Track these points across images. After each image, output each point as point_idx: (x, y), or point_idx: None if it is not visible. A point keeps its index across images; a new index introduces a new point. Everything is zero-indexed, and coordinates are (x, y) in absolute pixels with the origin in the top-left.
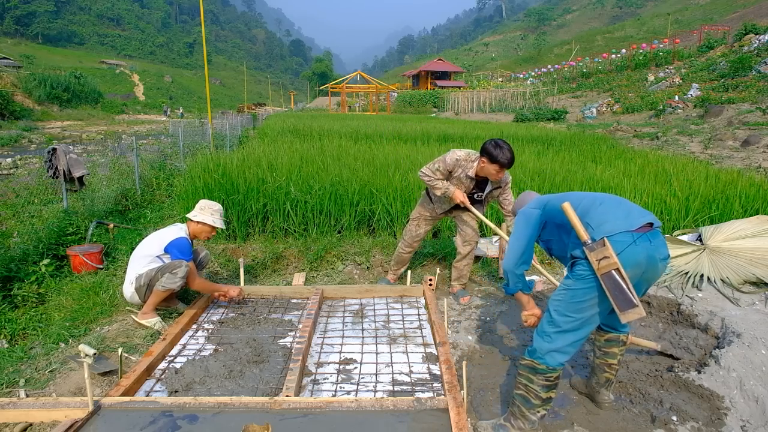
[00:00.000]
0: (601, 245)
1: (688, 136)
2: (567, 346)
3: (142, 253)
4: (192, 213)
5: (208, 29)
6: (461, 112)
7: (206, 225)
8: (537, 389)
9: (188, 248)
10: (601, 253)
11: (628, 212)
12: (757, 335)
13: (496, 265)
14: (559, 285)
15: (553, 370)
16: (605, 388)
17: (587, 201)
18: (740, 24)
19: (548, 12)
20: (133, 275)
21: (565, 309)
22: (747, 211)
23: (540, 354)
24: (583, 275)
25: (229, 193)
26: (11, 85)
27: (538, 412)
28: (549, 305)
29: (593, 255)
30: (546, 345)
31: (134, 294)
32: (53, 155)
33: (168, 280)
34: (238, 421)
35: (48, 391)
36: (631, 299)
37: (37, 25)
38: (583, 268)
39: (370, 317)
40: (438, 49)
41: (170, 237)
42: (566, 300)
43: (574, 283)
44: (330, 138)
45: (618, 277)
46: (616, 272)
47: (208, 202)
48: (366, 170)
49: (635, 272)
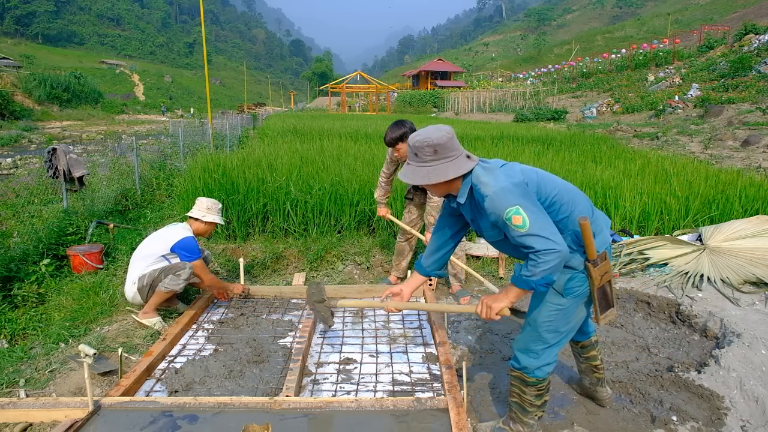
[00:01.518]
0: (603, 259)
1: (688, 136)
2: (553, 357)
3: (144, 253)
4: (198, 213)
5: (208, 29)
6: (461, 112)
7: (213, 224)
8: (530, 399)
9: (196, 247)
10: (604, 267)
11: (602, 214)
12: (757, 335)
13: (496, 265)
14: (546, 304)
15: (543, 380)
16: (600, 385)
17: (576, 201)
18: (740, 24)
19: (548, 12)
20: (136, 275)
21: (556, 327)
22: (747, 211)
23: (530, 371)
24: (579, 292)
25: (229, 193)
26: (11, 85)
27: (536, 415)
28: (538, 325)
29: (597, 271)
30: (535, 362)
31: (136, 294)
32: (53, 155)
33: (171, 281)
34: (238, 421)
35: (48, 391)
36: (611, 302)
37: (37, 25)
38: (579, 284)
39: (370, 317)
40: (438, 49)
41: (176, 237)
42: (558, 319)
43: (568, 302)
44: (330, 138)
45: (607, 286)
46: (607, 283)
47: (211, 200)
48: (366, 170)
49: None
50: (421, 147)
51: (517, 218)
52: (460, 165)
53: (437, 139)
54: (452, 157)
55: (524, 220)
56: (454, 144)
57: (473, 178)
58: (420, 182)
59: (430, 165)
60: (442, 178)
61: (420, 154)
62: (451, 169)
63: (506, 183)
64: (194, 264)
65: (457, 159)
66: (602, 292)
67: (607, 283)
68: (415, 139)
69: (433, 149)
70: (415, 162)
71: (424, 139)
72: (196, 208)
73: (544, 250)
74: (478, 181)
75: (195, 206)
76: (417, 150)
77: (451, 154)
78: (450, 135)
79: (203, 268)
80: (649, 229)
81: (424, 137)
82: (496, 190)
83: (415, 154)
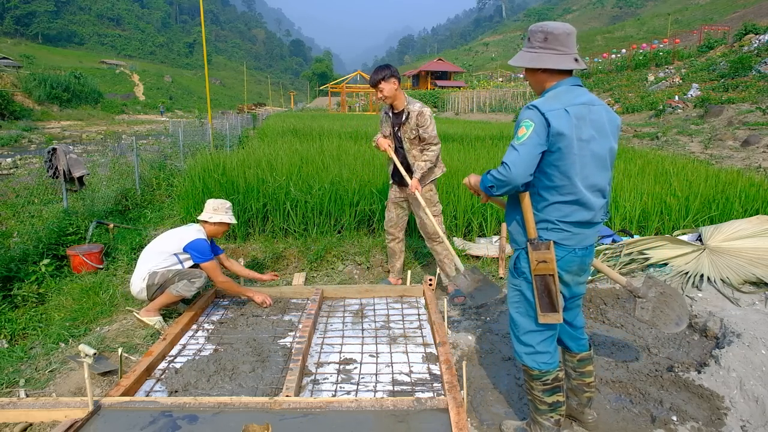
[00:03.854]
0: (546, 248)
1: (688, 136)
2: (539, 345)
3: (157, 249)
4: (206, 215)
5: (208, 29)
6: (461, 112)
7: (223, 224)
8: (539, 394)
9: (208, 249)
10: (543, 256)
11: (590, 217)
12: (757, 335)
13: (495, 265)
14: (509, 285)
15: (546, 373)
16: (588, 407)
17: (574, 190)
18: (740, 24)
19: (548, 12)
20: (146, 271)
21: (523, 310)
22: (747, 211)
23: (521, 356)
24: (527, 276)
25: (229, 193)
26: (11, 85)
27: (551, 417)
28: (509, 307)
29: (534, 255)
30: (519, 347)
31: (143, 290)
32: (53, 155)
33: (184, 286)
34: (238, 421)
35: (48, 391)
36: (555, 305)
37: (37, 25)
38: (525, 265)
39: (370, 317)
40: (438, 49)
41: (189, 238)
42: (520, 301)
43: (521, 283)
44: (330, 138)
45: (551, 283)
46: (551, 279)
47: (218, 201)
48: (366, 170)
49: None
50: (535, 32)
51: (522, 130)
52: (562, 61)
53: (553, 28)
54: (559, 51)
55: (523, 136)
56: (568, 42)
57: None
58: (520, 64)
59: (536, 51)
60: (539, 65)
61: (532, 38)
62: (553, 60)
63: (548, 105)
64: (206, 265)
65: (562, 55)
66: (543, 285)
67: (551, 280)
68: (533, 25)
69: (545, 36)
70: (525, 47)
71: (541, 25)
72: (204, 210)
73: (504, 162)
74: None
75: (204, 209)
76: (531, 34)
77: (560, 48)
78: (568, 32)
79: (216, 269)
80: (649, 229)
81: (542, 24)
82: (536, 102)
83: (528, 39)
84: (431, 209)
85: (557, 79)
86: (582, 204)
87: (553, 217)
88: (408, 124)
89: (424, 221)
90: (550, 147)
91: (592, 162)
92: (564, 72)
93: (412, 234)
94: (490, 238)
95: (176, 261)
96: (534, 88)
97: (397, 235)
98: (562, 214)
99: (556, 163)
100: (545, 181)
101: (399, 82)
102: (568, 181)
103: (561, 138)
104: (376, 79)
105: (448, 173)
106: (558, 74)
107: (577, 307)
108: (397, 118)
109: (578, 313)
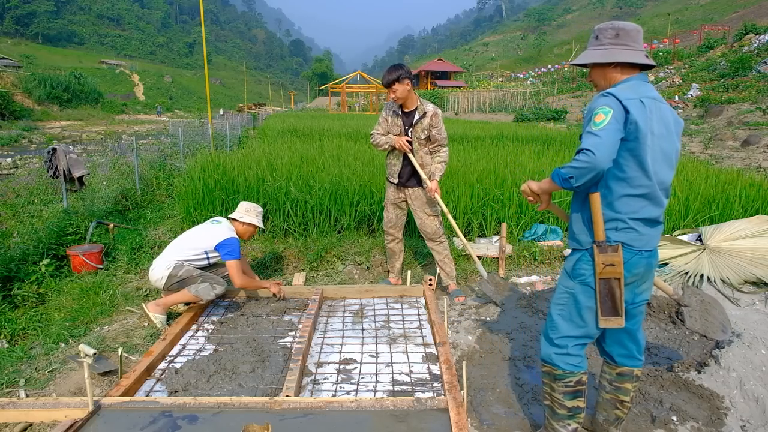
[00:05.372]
0: (614, 251)
1: (688, 136)
2: (574, 349)
3: (189, 245)
4: (237, 214)
5: (208, 29)
6: (461, 112)
7: (252, 226)
8: (560, 397)
9: (238, 248)
10: (611, 259)
11: (656, 215)
12: (757, 335)
13: (496, 265)
14: (559, 286)
15: (571, 374)
16: (615, 426)
17: (641, 182)
18: (740, 24)
19: (548, 12)
20: (173, 260)
21: (567, 314)
22: (747, 211)
23: (549, 357)
24: (586, 279)
25: (229, 193)
26: (11, 85)
27: (569, 424)
28: (552, 307)
29: (601, 258)
30: (551, 348)
31: (164, 278)
32: (53, 155)
33: (205, 290)
34: (238, 421)
35: (48, 391)
36: (618, 310)
37: (37, 25)
38: (586, 268)
39: (370, 317)
40: (438, 49)
41: (221, 236)
42: (568, 304)
43: (576, 287)
44: (330, 138)
45: (617, 287)
46: (617, 283)
47: (251, 204)
48: (366, 170)
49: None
50: (605, 29)
51: (600, 116)
52: (634, 56)
53: (624, 25)
54: (630, 47)
55: (603, 122)
56: (638, 39)
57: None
58: (592, 61)
59: (606, 48)
60: (612, 59)
61: (601, 36)
62: (625, 55)
63: (625, 94)
64: (232, 263)
65: (634, 51)
66: (607, 288)
67: (617, 284)
68: (602, 23)
69: (616, 32)
70: (593, 45)
71: (610, 23)
72: (236, 210)
73: (585, 149)
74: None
75: (236, 208)
76: (600, 32)
77: (631, 44)
78: (638, 29)
79: (238, 269)
80: None
81: (611, 22)
82: (611, 90)
83: (596, 37)
84: (432, 210)
85: (628, 74)
86: (651, 199)
87: (623, 213)
88: (421, 124)
89: (424, 221)
90: (627, 135)
91: (661, 158)
92: (634, 68)
93: (412, 234)
94: (490, 238)
95: (204, 257)
96: (601, 86)
97: (397, 236)
98: (631, 210)
99: (632, 153)
100: (616, 171)
101: (412, 82)
102: (641, 173)
103: (637, 128)
104: (390, 80)
105: (448, 173)
106: (629, 69)
107: (640, 314)
108: (407, 117)
109: (639, 322)
